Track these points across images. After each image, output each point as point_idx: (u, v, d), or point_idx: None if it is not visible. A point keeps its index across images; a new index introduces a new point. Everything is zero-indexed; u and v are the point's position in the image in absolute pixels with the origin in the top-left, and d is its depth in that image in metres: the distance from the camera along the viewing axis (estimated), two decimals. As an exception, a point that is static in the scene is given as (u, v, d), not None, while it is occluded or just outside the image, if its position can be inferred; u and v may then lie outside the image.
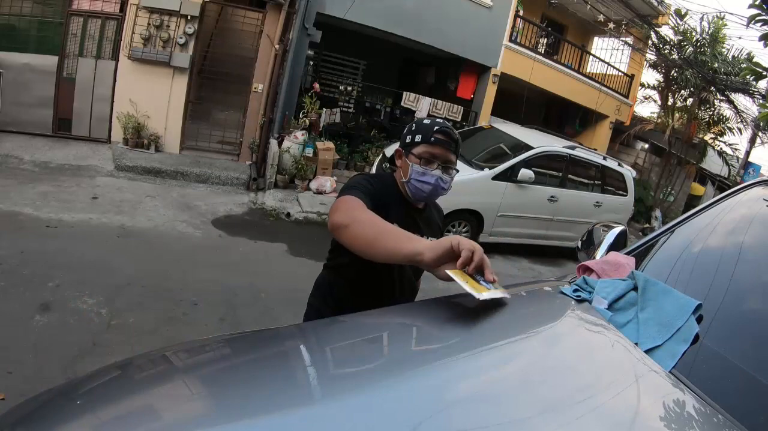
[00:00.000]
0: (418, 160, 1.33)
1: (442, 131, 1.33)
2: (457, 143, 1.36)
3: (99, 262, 3.41)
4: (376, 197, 1.27)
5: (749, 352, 1.00)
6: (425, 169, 1.32)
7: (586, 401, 0.74)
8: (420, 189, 1.34)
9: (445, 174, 1.35)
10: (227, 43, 6.74)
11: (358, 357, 0.86)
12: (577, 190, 6.25)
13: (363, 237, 1.07)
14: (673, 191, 11.21)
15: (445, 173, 1.35)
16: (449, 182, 1.37)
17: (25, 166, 5.14)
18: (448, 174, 1.36)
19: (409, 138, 1.37)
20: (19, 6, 5.66)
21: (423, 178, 1.33)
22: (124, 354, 0.94)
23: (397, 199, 1.39)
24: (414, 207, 1.43)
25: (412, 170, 1.34)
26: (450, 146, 1.35)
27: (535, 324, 1.07)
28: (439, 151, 1.33)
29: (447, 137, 1.34)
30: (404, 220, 1.32)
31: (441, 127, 1.34)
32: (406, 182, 1.36)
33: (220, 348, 0.90)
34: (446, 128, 1.35)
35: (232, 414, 0.61)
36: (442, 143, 1.33)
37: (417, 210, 1.44)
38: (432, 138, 1.33)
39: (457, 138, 1.36)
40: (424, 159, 1.33)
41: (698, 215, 1.44)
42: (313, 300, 1.51)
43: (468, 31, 8.06)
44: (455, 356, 0.84)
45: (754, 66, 4.01)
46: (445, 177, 1.35)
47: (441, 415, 0.66)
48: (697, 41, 9.83)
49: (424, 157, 1.33)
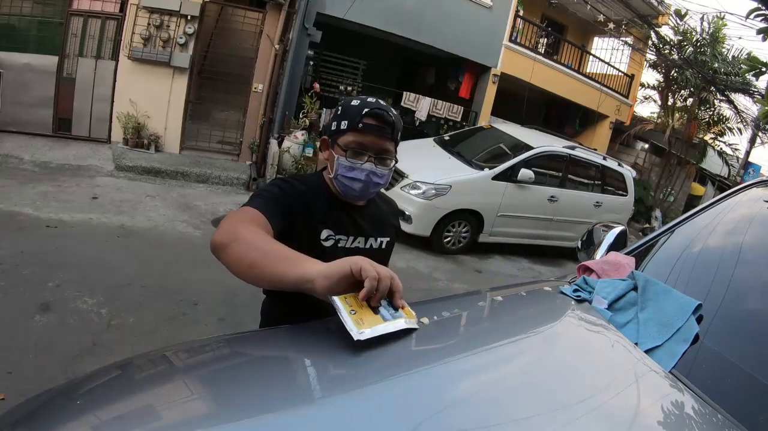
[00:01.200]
0: (345, 152, 1.09)
1: (372, 113, 1.07)
2: (392, 126, 1.09)
3: (99, 262, 3.41)
4: (294, 201, 1.09)
5: (749, 352, 1.00)
6: (353, 162, 1.08)
7: (586, 401, 0.74)
8: (349, 187, 1.11)
9: (380, 166, 1.10)
10: (227, 43, 6.74)
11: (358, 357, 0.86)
12: (577, 190, 6.25)
13: (243, 260, 0.88)
14: (673, 191, 11.21)
15: (381, 165, 1.10)
16: (387, 174, 1.13)
17: (25, 166, 5.14)
18: (385, 166, 1.11)
19: (334, 125, 1.12)
20: (19, 6, 5.66)
21: (351, 173, 1.09)
22: (124, 354, 0.94)
23: (327, 198, 1.16)
24: (352, 205, 1.19)
25: (338, 163, 1.10)
26: (384, 132, 1.09)
27: (535, 323, 1.08)
28: (370, 139, 1.08)
29: (379, 120, 1.08)
30: (339, 221, 1.15)
31: (372, 108, 1.07)
32: (333, 178, 1.13)
33: (220, 348, 0.90)
34: (378, 108, 1.08)
35: (232, 414, 0.61)
36: (373, 130, 1.08)
37: (356, 208, 1.20)
38: (360, 124, 1.07)
39: (392, 120, 1.09)
40: (351, 150, 1.08)
41: (698, 215, 1.44)
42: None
43: (468, 31, 8.06)
44: (455, 356, 0.84)
45: (752, 62, 4.00)
46: (380, 170, 1.10)
47: (441, 415, 0.66)
48: (697, 41, 9.83)
49: (351, 147, 1.08)
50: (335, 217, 1.15)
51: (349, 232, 1.18)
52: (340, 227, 1.16)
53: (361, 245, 1.21)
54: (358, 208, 1.21)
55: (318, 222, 1.12)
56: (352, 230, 1.18)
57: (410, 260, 5.00)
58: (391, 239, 1.30)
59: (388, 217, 1.32)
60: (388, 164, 1.12)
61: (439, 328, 0.97)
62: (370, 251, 1.22)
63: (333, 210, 1.15)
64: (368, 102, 1.10)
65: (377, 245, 1.24)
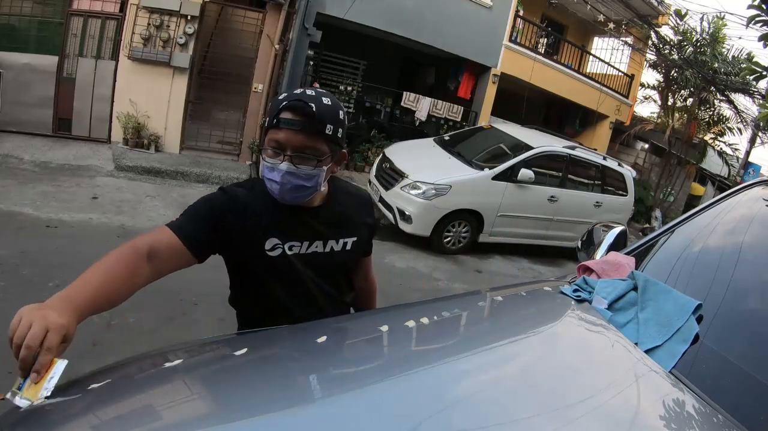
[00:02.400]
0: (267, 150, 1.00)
1: (290, 106, 0.95)
2: (313, 117, 0.95)
3: (99, 262, 3.41)
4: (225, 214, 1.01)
5: (749, 352, 1.00)
6: (271, 162, 0.99)
7: (586, 401, 0.74)
8: (271, 189, 1.01)
9: (301, 165, 0.98)
10: (227, 43, 6.74)
11: (358, 357, 0.86)
12: (577, 190, 6.24)
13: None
14: (673, 191, 11.21)
15: (302, 164, 0.98)
16: (314, 175, 0.99)
17: (25, 166, 5.14)
18: (308, 164, 0.98)
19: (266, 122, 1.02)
20: (19, 6, 5.66)
21: (270, 174, 1.00)
22: (124, 354, 0.94)
23: (275, 203, 1.05)
24: (304, 208, 1.07)
25: (262, 164, 1.02)
26: (304, 126, 0.96)
27: (535, 323, 1.08)
28: (285, 136, 0.96)
29: (297, 113, 0.95)
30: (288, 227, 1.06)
31: (290, 101, 0.96)
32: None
33: (220, 348, 0.91)
34: (297, 100, 0.96)
35: (232, 414, 0.61)
36: (290, 124, 0.96)
37: (309, 210, 1.08)
38: (275, 120, 0.97)
39: (312, 112, 0.95)
40: (270, 149, 0.99)
41: (698, 215, 1.44)
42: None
43: (468, 31, 8.07)
44: (455, 356, 0.84)
45: (753, 66, 4.02)
46: (302, 170, 0.98)
47: (441, 415, 0.66)
48: (697, 41, 9.83)
49: (270, 146, 0.99)
50: (284, 222, 1.05)
51: (303, 237, 1.08)
52: (291, 233, 1.06)
53: (320, 250, 1.10)
54: (310, 210, 1.08)
55: (262, 231, 1.03)
56: (306, 235, 1.08)
57: (410, 260, 5.00)
58: (360, 238, 1.18)
59: (356, 214, 1.18)
60: (311, 163, 0.99)
61: (439, 328, 0.97)
62: (332, 254, 1.12)
63: (281, 215, 1.05)
64: (292, 94, 0.99)
65: (339, 248, 1.13)
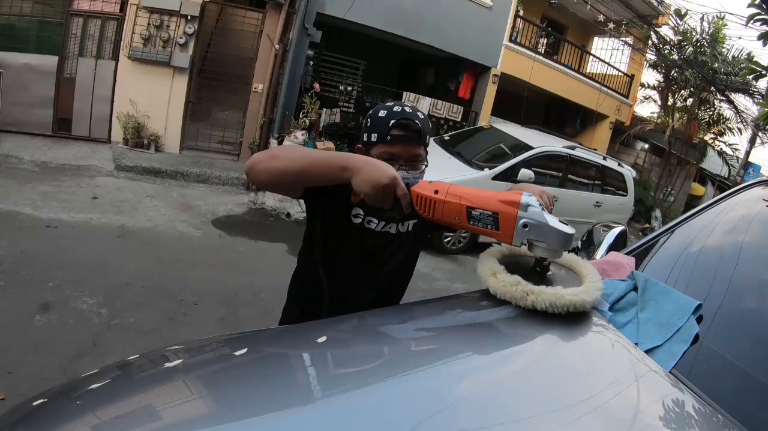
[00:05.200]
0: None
1: (399, 124, 1.12)
2: (420, 132, 1.14)
3: (99, 262, 3.41)
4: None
5: (749, 352, 1.00)
6: None
7: (586, 401, 0.74)
8: None
9: (412, 171, 1.15)
10: (227, 43, 6.74)
11: (358, 357, 0.86)
12: (577, 190, 6.24)
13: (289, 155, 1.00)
14: (673, 191, 11.21)
15: (412, 170, 1.16)
16: (419, 176, 1.17)
17: (25, 166, 5.14)
18: (416, 169, 1.17)
19: (366, 136, 1.17)
20: (19, 6, 5.66)
21: None
22: (124, 354, 0.94)
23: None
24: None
25: None
26: (413, 140, 1.14)
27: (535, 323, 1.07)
28: (399, 149, 1.13)
29: (407, 130, 1.12)
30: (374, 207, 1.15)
31: (398, 120, 1.12)
32: None
33: (220, 348, 0.90)
34: (405, 118, 1.12)
35: (232, 414, 0.61)
36: (402, 140, 1.13)
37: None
38: (388, 136, 1.12)
39: (419, 127, 1.13)
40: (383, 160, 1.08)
41: (698, 215, 1.44)
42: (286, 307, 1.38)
43: (468, 31, 8.06)
44: (455, 356, 0.84)
45: (753, 65, 4.01)
46: (412, 174, 1.15)
47: (441, 415, 0.66)
48: (697, 41, 9.83)
49: (383, 158, 1.10)
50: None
51: (380, 217, 1.21)
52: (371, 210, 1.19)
53: (392, 230, 1.25)
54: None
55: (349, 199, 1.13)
56: (383, 216, 1.21)
57: (410, 260, 4.99)
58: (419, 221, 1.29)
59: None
60: (419, 167, 1.18)
61: (439, 328, 0.97)
62: (399, 235, 1.27)
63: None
64: (395, 112, 1.13)
65: (404, 229, 1.28)
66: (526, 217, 0.87)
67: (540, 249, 0.91)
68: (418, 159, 1.16)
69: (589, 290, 0.93)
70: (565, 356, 0.90)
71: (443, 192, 0.93)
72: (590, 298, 0.91)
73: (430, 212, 0.94)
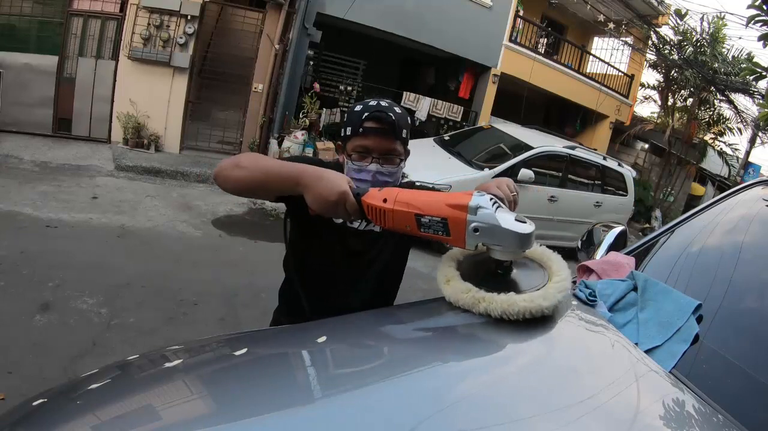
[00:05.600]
0: (351, 155, 1.14)
1: (372, 116, 1.11)
2: (394, 125, 1.11)
3: (99, 262, 3.41)
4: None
5: (749, 352, 1.00)
6: (359, 164, 1.13)
7: (586, 401, 0.74)
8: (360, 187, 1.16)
9: (386, 165, 1.14)
10: (227, 43, 6.74)
11: (358, 357, 0.86)
12: (577, 190, 6.24)
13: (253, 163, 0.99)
14: (673, 191, 11.21)
15: (387, 164, 1.14)
16: (395, 171, 1.16)
17: (25, 166, 5.14)
18: (392, 164, 1.15)
19: (342, 131, 1.18)
20: (19, 6, 5.66)
21: (359, 175, 1.13)
22: (124, 354, 0.94)
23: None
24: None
25: (347, 167, 1.16)
26: (386, 133, 1.12)
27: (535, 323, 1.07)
28: (372, 142, 1.12)
29: (380, 122, 1.11)
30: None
31: (371, 112, 1.11)
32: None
33: (220, 348, 0.90)
34: (378, 111, 1.11)
35: (232, 414, 0.61)
36: (374, 132, 1.11)
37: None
38: (361, 129, 1.12)
39: (393, 120, 1.11)
40: (356, 154, 1.13)
41: (698, 215, 1.44)
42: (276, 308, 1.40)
43: (468, 31, 8.06)
44: (455, 356, 0.84)
45: (753, 66, 4.02)
46: (386, 169, 1.14)
47: (441, 415, 0.66)
48: (697, 41, 9.83)
49: (356, 151, 1.13)
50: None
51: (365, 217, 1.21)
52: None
53: (376, 229, 1.22)
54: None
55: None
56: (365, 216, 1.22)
57: (410, 260, 4.96)
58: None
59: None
60: (394, 162, 1.15)
61: (439, 328, 0.97)
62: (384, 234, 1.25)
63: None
64: (369, 106, 1.14)
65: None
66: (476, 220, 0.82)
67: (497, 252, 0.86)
68: (392, 153, 1.14)
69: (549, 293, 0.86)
70: (565, 356, 0.90)
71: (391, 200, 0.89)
72: (548, 303, 0.84)
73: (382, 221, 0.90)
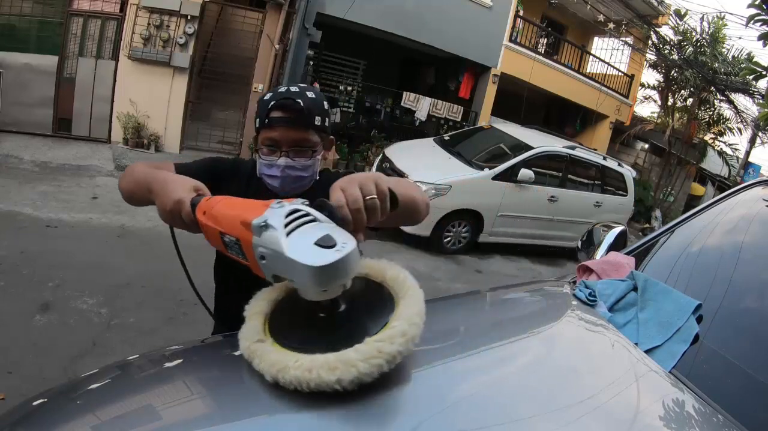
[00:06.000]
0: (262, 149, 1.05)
1: (279, 105, 1.00)
2: (303, 113, 1.00)
3: (99, 262, 3.41)
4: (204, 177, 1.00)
5: (749, 352, 1.00)
6: (269, 159, 1.04)
7: (586, 401, 0.74)
8: (272, 185, 1.07)
9: (298, 158, 1.03)
10: (227, 43, 6.75)
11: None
12: (577, 190, 6.24)
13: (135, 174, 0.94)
14: (673, 191, 11.21)
15: (299, 157, 1.04)
16: (310, 165, 1.06)
17: (25, 166, 5.14)
18: (304, 156, 1.04)
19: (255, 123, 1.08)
20: (19, 6, 5.66)
21: (269, 171, 1.05)
22: (124, 354, 0.94)
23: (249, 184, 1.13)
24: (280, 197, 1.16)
25: (258, 162, 1.07)
26: (295, 123, 1.01)
27: (535, 323, 1.07)
28: (280, 133, 1.01)
29: (287, 111, 1.00)
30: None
31: (278, 100, 1.00)
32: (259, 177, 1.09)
33: (220, 348, 0.90)
34: (285, 98, 1.00)
35: (232, 414, 0.61)
36: (281, 122, 1.01)
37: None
38: (267, 119, 1.02)
39: (301, 107, 1.00)
40: (266, 147, 1.04)
41: (698, 215, 1.44)
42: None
43: (468, 31, 8.06)
44: (455, 356, 0.84)
45: (753, 66, 4.03)
46: (298, 162, 1.04)
47: (441, 415, 0.66)
48: (697, 41, 9.83)
49: (265, 145, 1.04)
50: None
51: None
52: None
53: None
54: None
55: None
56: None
57: (410, 260, 5.00)
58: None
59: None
60: (307, 154, 1.04)
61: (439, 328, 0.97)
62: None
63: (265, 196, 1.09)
64: (277, 93, 1.03)
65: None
66: (261, 244, 0.61)
67: (299, 289, 0.63)
68: (304, 144, 1.03)
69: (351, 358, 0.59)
70: (565, 356, 0.90)
71: (206, 213, 0.73)
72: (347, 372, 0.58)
73: (207, 237, 0.75)
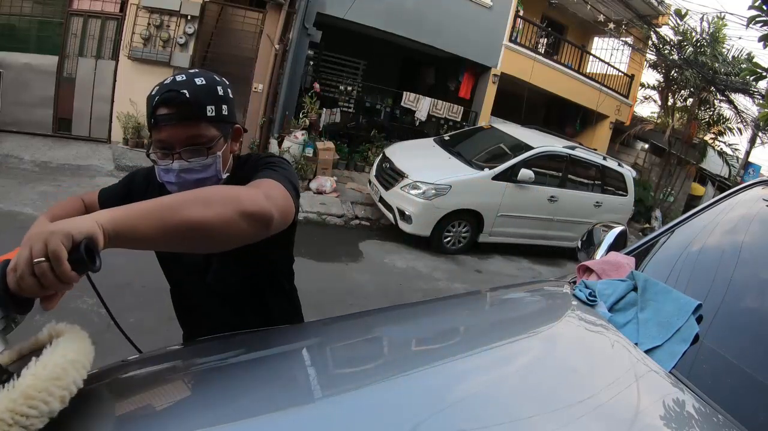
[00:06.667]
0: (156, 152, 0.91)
1: (163, 101, 0.85)
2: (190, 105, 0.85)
3: (99, 262, 3.41)
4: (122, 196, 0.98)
5: (749, 352, 1.00)
6: (164, 164, 0.90)
7: (586, 401, 0.74)
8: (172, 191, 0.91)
9: (194, 158, 0.88)
10: (227, 43, 6.74)
11: (358, 357, 0.86)
12: (577, 190, 6.24)
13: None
14: (673, 191, 11.21)
15: (195, 157, 0.88)
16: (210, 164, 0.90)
17: (25, 166, 5.14)
18: (200, 155, 0.89)
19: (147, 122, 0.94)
20: (19, 6, 5.66)
21: (166, 177, 0.91)
22: (124, 354, 0.94)
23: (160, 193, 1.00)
24: None
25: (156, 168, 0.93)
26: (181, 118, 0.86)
27: (535, 323, 1.08)
28: (168, 133, 0.87)
29: (172, 106, 0.85)
30: None
31: (161, 95, 0.86)
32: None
33: (220, 348, 0.91)
34: (169, 89, 0.86)
35: (232, 414, 0.61)
36: (168, 120, 0.86)
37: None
38: (153, 119, 0.88)
39: (186, 99, 0.85)
40: (159, 151, 0.90)
41: (698, 215, 1.44)
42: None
43: (468, 31, 8.06)
44: (455, 356, 0.84)
45: (753, 66, 4.03)
46: (194, 163, 0.89)
47: (441, 415, 0.66)
48: (697, 41, 9.83)
49: (158, 147, 0.89)
50: None
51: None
52: None
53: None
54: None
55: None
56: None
57: (410, 260, 5.00)
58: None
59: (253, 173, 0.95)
60: (203, 153, 0.89)
61: (439, 328, 0.97)
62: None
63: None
64: (162, 86, 0.88)
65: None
66: None
67: None
68: (197, 141, 0.88)
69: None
70: (565, 356, 0.90)
71: None
72: None
73: None
